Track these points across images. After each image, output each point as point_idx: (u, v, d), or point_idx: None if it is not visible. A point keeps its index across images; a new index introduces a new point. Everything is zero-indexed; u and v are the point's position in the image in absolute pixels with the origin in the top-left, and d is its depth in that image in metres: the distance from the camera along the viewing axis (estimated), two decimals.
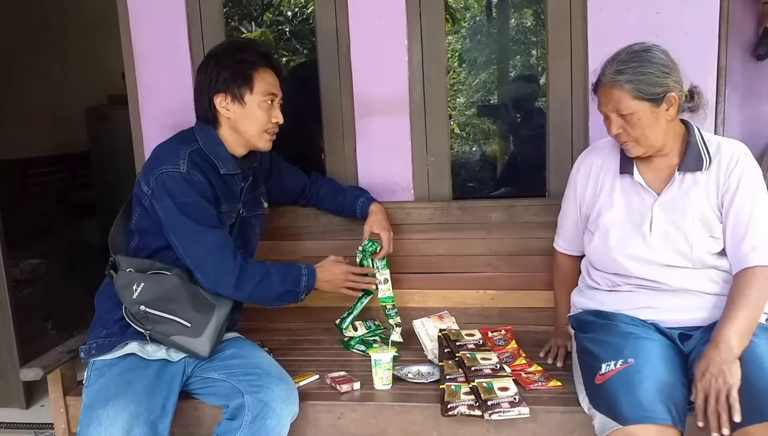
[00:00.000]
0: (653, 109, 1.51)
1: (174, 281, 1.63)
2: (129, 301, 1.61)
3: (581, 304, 1.77)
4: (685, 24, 1.96)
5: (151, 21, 2.22)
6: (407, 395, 1.65)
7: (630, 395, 1.37)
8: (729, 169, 1.55)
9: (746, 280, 1.50)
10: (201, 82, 1.74)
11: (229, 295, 1.67)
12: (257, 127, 1.74)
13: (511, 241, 2.09)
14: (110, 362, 1.61)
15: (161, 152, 1.71)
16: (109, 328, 1.65)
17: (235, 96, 1.71)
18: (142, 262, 1.66)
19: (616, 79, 1.51)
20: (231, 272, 1.64)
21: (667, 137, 1.57)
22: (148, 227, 1.70)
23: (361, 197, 2.07)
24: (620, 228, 1.63)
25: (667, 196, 1.59)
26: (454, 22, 4.10)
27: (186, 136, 1.75)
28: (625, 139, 1.56)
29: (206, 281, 1.65)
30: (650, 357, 1.45)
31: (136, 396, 1.54)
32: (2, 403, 2.66)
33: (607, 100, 1.55)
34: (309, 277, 1.75)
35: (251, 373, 1.61)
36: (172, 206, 1.62)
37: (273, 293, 1.70)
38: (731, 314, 1.46)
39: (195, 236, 1.63)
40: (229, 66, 1.70)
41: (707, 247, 1.57)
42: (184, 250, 1.64)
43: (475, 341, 1.85)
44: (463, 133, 4.25)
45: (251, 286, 1.66)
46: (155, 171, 1.64)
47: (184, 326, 1.61)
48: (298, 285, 1.73)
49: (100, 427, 1.50)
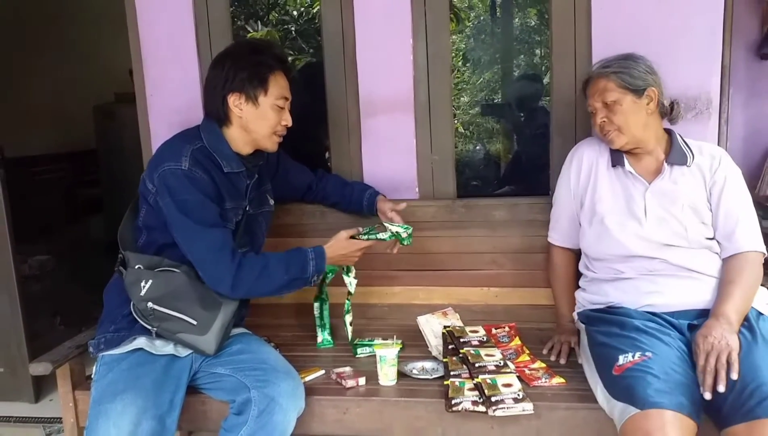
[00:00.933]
0: (635, 100, 1.67)
1: (182, 278, 1.65)
2: (137, 297, 1.63)
3: (587, 299, 1.79)
4: (689, 23, 1.96)
5: (159, 19, 2.24)
6: (412, 391, 1.67)
7: (648, 383, 1.39)
8: (713, 166, 1.70)
9: (739, 263, 1.62)
10: (214, 79, 1.75)
11: (227, 294, 1.66)
12: (268, 128, 1.76)
13: (515, 239, 2.11)
14: (118, 356, 1.63)
15: (165, 150, 1.72)
16: (118, 323, 1.67)
17: (250, 97, 1.73)
18: (151, 259, 1.68)
19: (603, 71, 1.70)
20: (228, 271, 1.63)
21: (649, 132, 1.70)
22: (154, 224, 1.71)
23: (367, 191, 2.09)
24: (617, 214, 1.71)
25: (657, 185, 1.70)
26: (458, 22, 4.11)
27: (190, 134, 1.77)
28: (609, 129, 1.70)
29: (206, 279, 1.66)
30: (667, 354, 1.48)
31: (144, 391, 1.56)
32: (12, 397, 2.69)
33: (594, 91, 1.72)
34: (317, 260, 1.73)
35: (258, 368, 1.63)
36: (172, 204, 1.63)
37: (276, 283, 1.69)
38: (728, 292, 1.58)
39: (194, 235, 1.64)
40: (247, 67, 1.72)
41: (700, 231, 1.67)
42: (186, 248, 1.66)
43: (479, 337, 1.86)
44: (467, 133, 4.26)
45: (250, 281, 1.65)
46: (158, 168, 1.66)
47: (190, 324, 1.63)
48: (304, 271, 1.71)
49: (108, 421, 1.52)
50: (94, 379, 1.64)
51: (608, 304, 1.71)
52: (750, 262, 1.62)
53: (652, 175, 1.72)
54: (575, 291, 1.88)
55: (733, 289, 1.58)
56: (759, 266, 1.63)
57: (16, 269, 2.63)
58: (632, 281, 1.67)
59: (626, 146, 1.71)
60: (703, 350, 1.46)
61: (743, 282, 1.59)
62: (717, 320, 1.51)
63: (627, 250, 1.68)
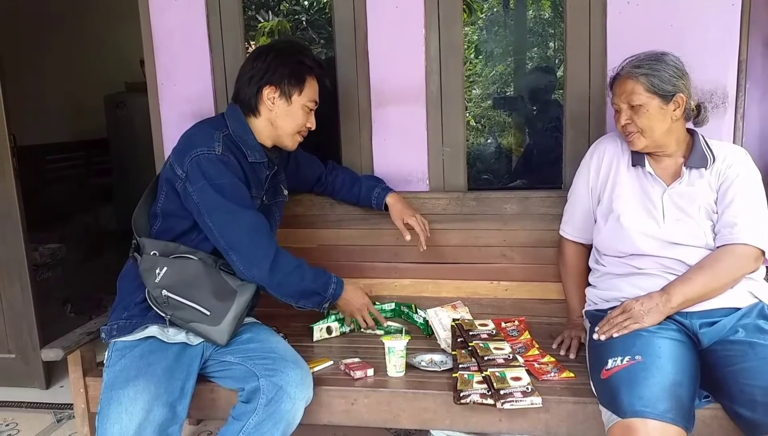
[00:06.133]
0: (662, 105, 1.63)
1: (197, 266, 1.65)
2: (152, 284, 1.63)
3: (598, 296, 1.77)
4: (707, 17, 1.94)
5: (170, 8, 2.24)
6: (420, 383, 1.67)
7: (632, 390, 1.38)
8: (728, 163, 1.67)
9: (721, 253, 1.60)
10: (253, 69, 1.77)
11: (262, 278, 1.66)
12: (294, 127, 1.80)
13: (526, 232, 2.10)
14: (131, 343, 1.64)
15: (194, 135, 1.73)
16: (131, 310, 1.68)
17: (284, 93, 1.76)
18: (167, 245, 1.68)
19: (633, 72, 1.64)
20: (266, 254, 1.65)
21: (671, 137, 1.67)
22: (173, 210, 1.72)
23: (376, 188, 2.08)
24: (634, 212, 1.69)
25: (675, 188, 1.67)
26: (471, 13, 4.08)
27: (217, 121, 1.79)
28: (632, 130, 1.67)
29: (240, 261, 1.65)
30: (659, 355, 1.45)
31: (156, 378, 1.57)
32: (23, 383, 2.71)
33: (621, 91, 1.66)
34: (337, 287, 1.77)
35: (267, 357, 1.63)
36: (207, 187, 1.63)
37: (303, 286, 1.70)
38: (691, 276, 1.59)
39: (230, 216, 1.64)
40: (289, 63, 1.75)
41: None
42: (219, 231, 1.64)
43: (488, 330, 1.86)
44: (479, 126, 4.23)
45: (285, 271, 1.67)
46: (190, 153, 1.66)
47: (203, 314, 1.63)
48: (325, 290, 1.74)
49: (120, 406, 1.53)
50: (107, 365, 1.65)
51: (619, 300, 1.69)
52: (733, 253, 1.58)
53: (671, 177, 1.69)
54: (585, 288, 1.86)
55: (697, 275, 1.57)
56: (746, 260, 1.58)
57: (27, 257, 2.65)
58: (648, 277, 1.65)
59: (646, 149, 1.69)
60: (625, 304, 1.60)
61: (713, 272, 1.57)
62: (660, 296, 1.57)
63: (642, 249, 1.66)
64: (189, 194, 1.66)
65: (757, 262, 1.60)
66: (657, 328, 1.55)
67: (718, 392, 1.48)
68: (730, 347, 1.51)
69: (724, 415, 1.48)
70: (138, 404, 1.53)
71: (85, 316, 3.17)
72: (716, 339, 1.55)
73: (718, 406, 1.49)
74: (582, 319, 1.87)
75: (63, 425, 2.43)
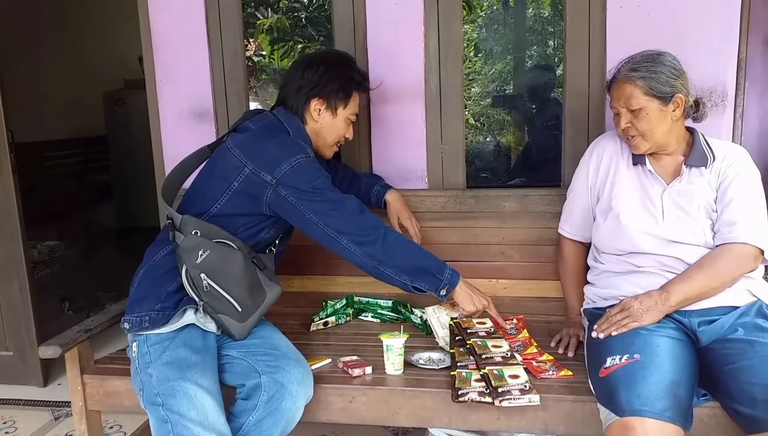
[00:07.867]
0: (661, 107, 1.61)
1: (238, 257, 1.63)
2: (192, 264, 1.59)
3: (596, 294, 1.77)
4: (706, 15, 1.94)
5: (169, 5, 2.23)
6: (418, 381, 1.66)
7: (630, 389, 1.37)
8: (728, 162, 1.66)
9: (720, 252, 1.59)
10: (302, 79, 1.78)
11: (375, 253, 1.63)
12: (335, 138, 1.84)
13: (525, 230, 2.09)
14: (167, 335, 1.61)
15: (279, 145, 1.69)
16: (164, 301, 1.62)
17: (330, 106, 1.79)
18: (210, 226, 1.64)
19: (630, 76, 1.62)
20: (376, 229, 1.65)
21: (671, 137, 1.67)
22: (231, 212, 1.69)
23: (375, 185, 2.08)
24: (634, 210, 1.69)
25: (675, 187, 1.67)
26: (470, 10, 4.07)
27: (277, 126, 1.77)
28: (633, 134, 1.66)
29: (353, 242, 1.64)
30: (658, 354, 1.45)
31: (204, 366, 1.57)
32: (21, 381, 2.71)
33: (619, 96, 1.65)
34: (453, 275, 1.70)
35: (269, 354, 1.63)
36: (312, 189, 1.64)
37: (417, 262, 1.66)
38: (690, 275, 1.58)
39: (334, 205, 1.65)
40: (338, 78, 1.79)
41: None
42: (324, 222, 1.64)
43: (486, 329, 1.85)
44: (478, 124, 4.23)
45: (398, 246, 1.66)
46: (287, 161, 1.64)
47: (235, 309, 1.63)
48: (440, 272, 1.67)
49: (183, 398, 1.52)
50: (148, 360, 1.59)
51: (618, 298, 1.69)
52: (732, 252, 1.57)
53: (671, 176, 1.69)
54: (584, 286, 1.86)
55: (696, 273, 1.57)
56: (745, 259, 1.58)
57: (25, 254, 2.65)
58: (647, 275, 1.65)
59: (648, 151, 1.69)
60: (625, 302, 1.59)
61: (712, 271, 1.56)
62: (659, 294, 1.57)
63: (641, 247, 1.65)
64: (283, 198, 1.64)
65: (756, 261, 1.59)
66: (656, 326, 1.54)
67: (717, 390, 1.48)
68: (729, 346, 1.51)
69: (722, 413, 1.48)
70: (200, 390, 1.52)
71: (83, 313, 3.17)
72: (715, 338, 1.55)
73: (716, 404, 1.49)
74: (580, 317, 1.87)
75: (60, 422, 2.43)
